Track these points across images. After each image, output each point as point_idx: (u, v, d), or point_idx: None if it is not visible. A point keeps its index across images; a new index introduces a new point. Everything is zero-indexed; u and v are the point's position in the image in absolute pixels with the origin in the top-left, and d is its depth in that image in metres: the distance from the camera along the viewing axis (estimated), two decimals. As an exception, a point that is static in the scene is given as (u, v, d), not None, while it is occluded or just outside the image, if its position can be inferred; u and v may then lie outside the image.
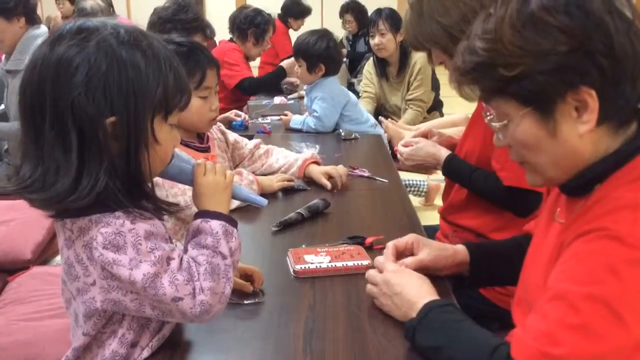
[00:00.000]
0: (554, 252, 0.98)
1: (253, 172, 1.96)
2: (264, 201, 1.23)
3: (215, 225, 1.03)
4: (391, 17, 3.94)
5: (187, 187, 1.11)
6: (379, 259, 1.24)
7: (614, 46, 0.88)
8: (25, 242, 2.42)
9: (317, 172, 1.96)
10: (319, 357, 1.04)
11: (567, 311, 0.85)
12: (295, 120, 2.87)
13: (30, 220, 2.57)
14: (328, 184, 1.92)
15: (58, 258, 2.72)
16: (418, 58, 3.96)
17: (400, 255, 1.27)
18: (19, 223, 2.52)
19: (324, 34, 2.87)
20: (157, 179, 1.19)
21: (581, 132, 0.92)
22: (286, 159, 2.03)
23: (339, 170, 1.94)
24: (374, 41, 3.99)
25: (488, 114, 1.02)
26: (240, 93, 3.84)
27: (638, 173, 0.91)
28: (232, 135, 2.03)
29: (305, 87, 2.98)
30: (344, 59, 6.07)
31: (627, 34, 0.90)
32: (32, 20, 3.00)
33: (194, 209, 1.09)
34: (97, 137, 0.92)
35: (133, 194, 0.98)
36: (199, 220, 1.05)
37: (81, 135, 0.92)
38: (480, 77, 0.97)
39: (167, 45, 1.51)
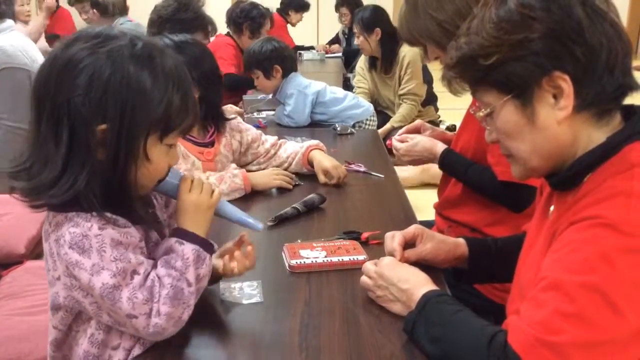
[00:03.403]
0: (545, 244, 0.99)
1: (266, 167, 1.96)
2: (258, 225, 1.17)
3: (188, 250, 1.02)
4: (362, 19, 4.05)
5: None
6: (389, 248, 1.27)
7: (586, 35, 0.92)
8: (18, 236, 2.40)
9: (318, 164, 1.94)
10: (315, 352, 1.04)
11: (563, 300, 0.86)
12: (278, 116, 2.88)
13: (23, 215, 2.54)
14: (322, 179, 1.91)
15: (52, 253, 2.70)
16: (407, 52, 4.01)
17: (405, 245, 1.29)
18: (12, 217, 2.51)
19: (266, 39, 2.88)
20: None
21: (559, 119, 0.96)
22: (293, 148, 2.02)
23: (339, 171, 1.92)
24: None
25: (474, 107, 1.06)
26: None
27: (628, 163, 0.93)
28: (251, 135, 2.01)
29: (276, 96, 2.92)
30: (340, 55, 6.08)
31: (602, 24, 0.93)
32: None
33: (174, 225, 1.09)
34: (86, 140, 0.94)
35: (112, 201, 0.98)
36: (173, 240, 1.04)
37: (72, 134, 0.94)
38: (463, 69, 1.02)
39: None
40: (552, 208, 1.06)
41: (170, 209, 1.17)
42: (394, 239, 1.28)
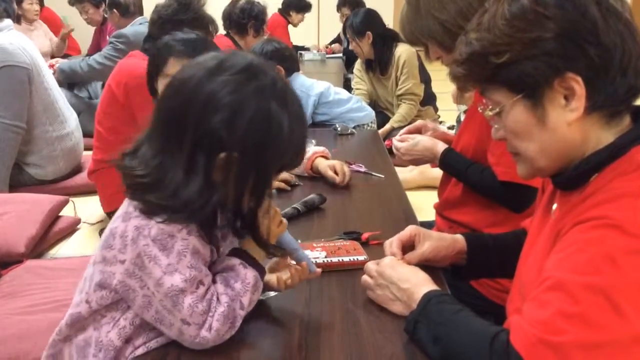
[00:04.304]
0: (548, 243, 0.99)
1: None
2: (312, 267, 1.17)
3: (250, 275, 1.05)
4: (351, 25, 4.09)
5: None
6: (387, 251, 1.26)
7: (600, 36, 0.91)
8: (18, 235, 2.41)
9: (324, 165, 1.95)
10: (315, 353, 1.04)
11: (566, 300, 0.85)
12: None
13: (24, 214, 2.56)
14: (336, 177, 1.91)
15: (52, 252, 2.73)
16: (402, 52, 4.03)
17: (403, 248, 1.28)
18: (12, 216, 2.52)
19: (266, 41, 2.89)
20: None
21: (569, 120, 0.95)
22: None
23: (345, 169, 1.93)
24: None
25: (482, 105, 1.05)
26: None
27: (636, 164, 0.92)
28: None
29: None
30: (341, 55, 6.09)
31: (616, 25, 0.92)
32: None
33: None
34: (219, 169, 0.96)
35: (238, 226, 1.06)
36: (237, 260, 1.06)
37: (208, 162, 0.96)
38: (473, 66, 1.00)
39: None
40: (554, 207, 1.05)
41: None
42: (392, 245, 1.28)
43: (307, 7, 6.21)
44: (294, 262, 1.18)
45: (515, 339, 0.87)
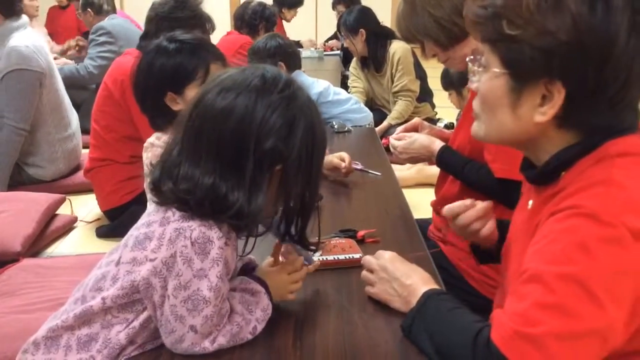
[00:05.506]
0: (527, 238, 0.98)
1: None
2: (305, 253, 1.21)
3: (270, 308, 1.09)
4: (345, 23, 4.08)
5: None
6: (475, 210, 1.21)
7: (608, 64, 0.88)
8: (15, 234, 2.41)
9: (327, 160, 1.93)
10: (309, 351, 1.04)
11: (542, 291, 0.85)
12: None
13: (20, 213, 2.56)
14: (342, 163, 1.92)
15: (49, 250, 2.72)
16: (397, 49, 4.04)
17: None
18: (9, 215, 2.51)
19: (270, 36, 2.89)
20: None
21: (536, 121, 0.94)
22: None
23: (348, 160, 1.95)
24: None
25: (473, 55, 1.02)
26: None
27: (609, 154, 0.92)
28: None
29: None
30: (338, 52, 6.08)
31: (633, 58, 0.89)
32: (10, 12, 2.99)
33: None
34: (280, 180, 1.03)
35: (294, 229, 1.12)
36: (262, 289, 1.09)
37: (268, 176, 1.01)
38: (487, 21, 0.96)
39: (170, 44, 1.56)
40: (530, 202, 1.05)
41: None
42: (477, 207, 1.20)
43: (298, 3, 6.23)
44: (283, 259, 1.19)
45: (494, 334, 0.87)
